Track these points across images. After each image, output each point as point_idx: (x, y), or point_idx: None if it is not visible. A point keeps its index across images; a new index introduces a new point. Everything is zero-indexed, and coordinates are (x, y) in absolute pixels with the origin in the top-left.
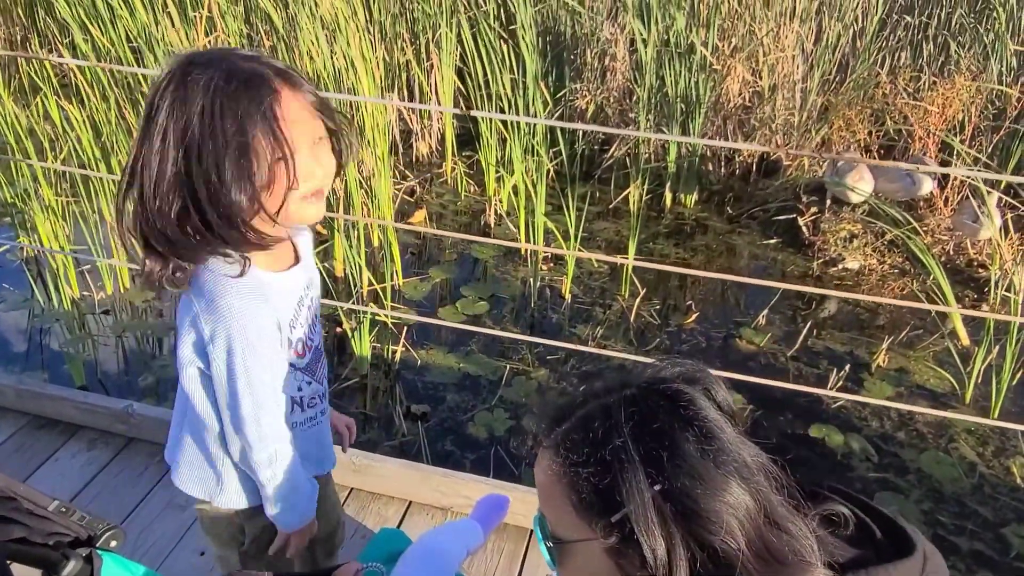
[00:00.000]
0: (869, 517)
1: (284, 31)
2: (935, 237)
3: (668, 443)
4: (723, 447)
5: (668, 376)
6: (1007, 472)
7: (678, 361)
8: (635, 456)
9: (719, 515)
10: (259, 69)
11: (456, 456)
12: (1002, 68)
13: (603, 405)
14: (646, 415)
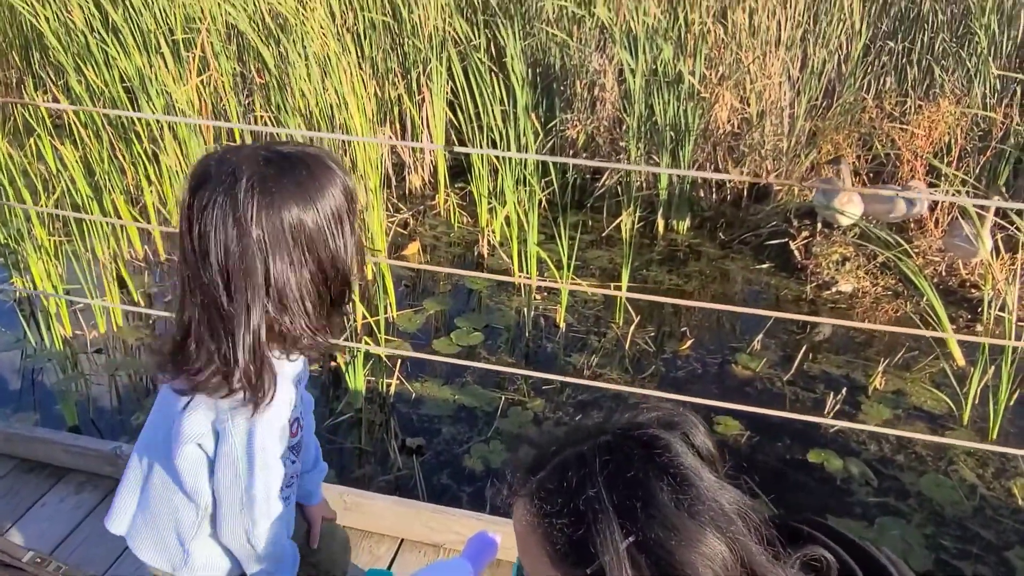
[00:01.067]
0: (852, 555)
1: (277, 69)
2: (927, 258)
3: (642, 493)
4: (699, 495)
5: (645, 421)
6: (1008, 494)
7: (657, 404)
8: (609, 506)
9: (695, 567)
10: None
11: (452, 490)
12: (986, 91)
13: (578, 453)
14: (621, 463)
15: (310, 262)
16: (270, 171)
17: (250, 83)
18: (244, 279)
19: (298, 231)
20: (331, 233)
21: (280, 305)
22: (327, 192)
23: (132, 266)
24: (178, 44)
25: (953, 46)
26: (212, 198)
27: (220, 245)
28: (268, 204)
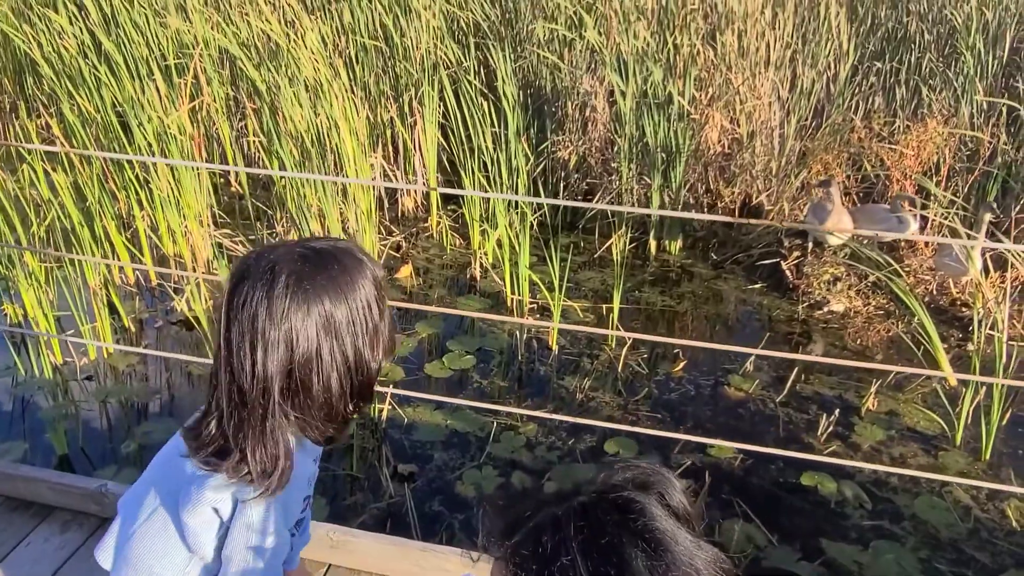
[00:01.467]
0: None
1: (268, 95)
2: (917, 278)
3: (617, 559)
4: (674, 561)
5: (620, 482)
6: (1002, 515)
7: (634, 463)
8: (584, 574)
9: None
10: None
11: (445, 517)
12: (973, 111)
13: (553, 517)
14: (595, 529)
15: (337, 355)
16: (306, 268)
17: (242, 108)
18: (271, 372)
19: (329, 324)
20: (361, 325)
21: (302, 397)
22: (357, 284)
23: (123, 291)
24: (170, 69)
25: (940, 66)
26: (249, 294)
27: (253, 338)
28: (303, 300)
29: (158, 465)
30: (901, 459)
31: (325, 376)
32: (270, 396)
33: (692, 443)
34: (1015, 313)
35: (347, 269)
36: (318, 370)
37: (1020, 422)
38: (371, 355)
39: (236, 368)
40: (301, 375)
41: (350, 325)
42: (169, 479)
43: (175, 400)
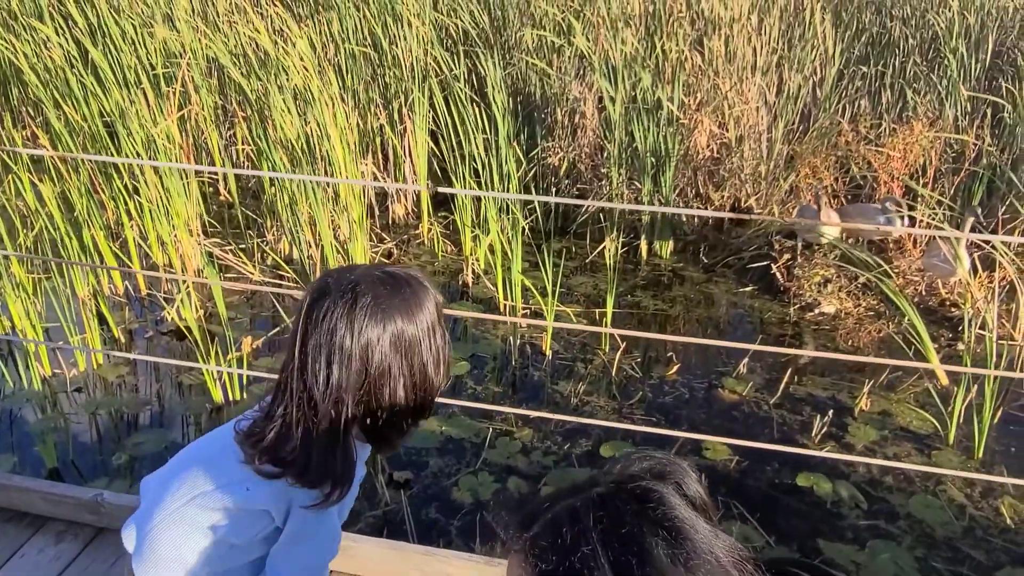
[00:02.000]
0: None
1: (258, 103)
2: (907, 278)
3: (638, 549)
4: (695, 549)
5: (636, 472)
6: (996, 513)
7: (649, 454)
8: (604, 564)
9: None
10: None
11: (441, 523)
12: (957, 113)
13: (571, 508)
14: (614, 519)
15: (405, 370)
16: (383, 289)
17: (231, 116)
18: (346, 384)
19: (400, 342)
20: (426, 345)
21: (371, 409)
22: (425, 308)
23: (112, 302)
24: (158, 78)
25: (924, 70)
26: (330, 309)
27: (331, 352)
28: (381, 320)
29: (199, 459)
30: (895, 458)
31: (393, 391)
32: (343, 407)
33: (688, 445)
34: (1003, 312)
35: (416, 293)
36: (389, 385)
37: (1012, 420)
38: (434, 373)
39: (309, 379)
40: (374, 388)
41: (417, 344)
42: (213, 475)
43: (166, 411)
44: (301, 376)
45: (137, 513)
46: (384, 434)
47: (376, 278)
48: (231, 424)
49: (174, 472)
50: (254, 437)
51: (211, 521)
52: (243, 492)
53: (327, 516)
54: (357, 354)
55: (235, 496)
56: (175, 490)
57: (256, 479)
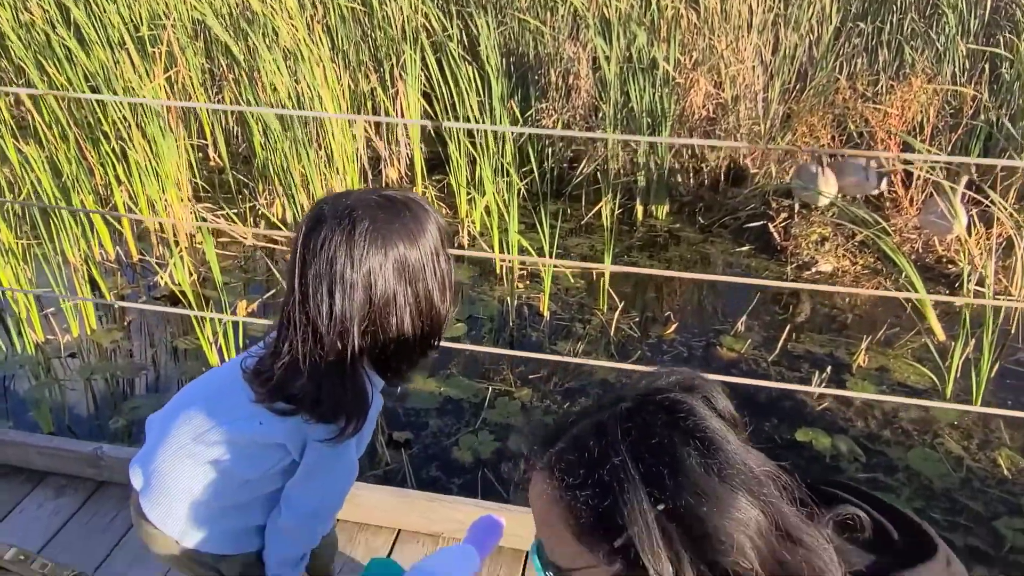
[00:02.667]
0: (885, 517)
1: (246, 63)
2: (903, 236)
3: (669, 459)
4: (728, 459)
5: (664, 386)
6: (994, 464)
7: (674, 369)
8: (635, 475)
9: (728, 533)
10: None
11: (442, 482)
12: (955, 69)
13: (597, 422)
14: (644, 430)
15: (410, 297)
16: (381, 213)
17: (219, 79)
18: (350, 314)
19: (403, 267)
20: (431, 271)
21: (378, 339)
22: (427, 231)
23: (104, 267)
24: (143, 40)
25: (922, 26)
26: (329, 237)
27: (332, 281)
28: (381, 245)
29: (206, 395)
30: (893, 413)
31: (400, 319)
32: (348, 336)
33: None
34: (999, 269)
35: (417, 216)
36: (395, 312)
37: (1008, 374)
38: (440, 300)
39: (312, 311)
40: (379, 317)
41: (421, 270)
42: (222, 410)
43: (162, 376)
44: (303, 309)
45: (143, 451)
46: (393, 364)
47: (374, 202)
48: (237, 360)
49: (180, 408)
50: (263, 375)
51: (221, 456)
52: (255, 426)
53: (344, 449)
54: (360, 282)
55: (247, 431)
56: (182, 426)
57: (268, 414)
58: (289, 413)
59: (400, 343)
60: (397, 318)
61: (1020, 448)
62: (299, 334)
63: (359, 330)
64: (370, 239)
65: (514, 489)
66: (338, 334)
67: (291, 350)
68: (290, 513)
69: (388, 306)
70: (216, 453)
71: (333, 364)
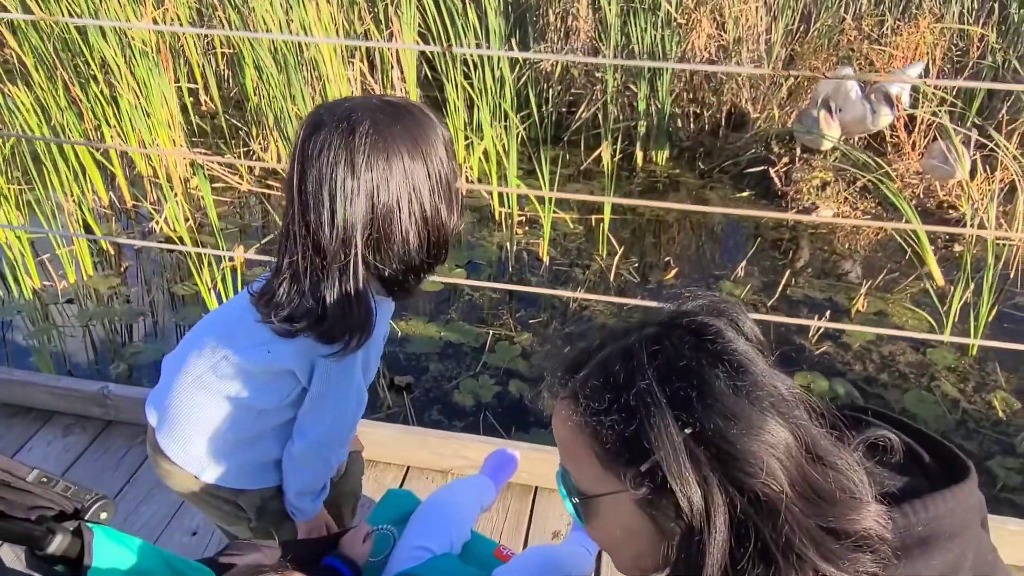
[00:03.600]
0: (916, 441)
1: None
2: (905, 181)
3: (697, 382)
4: (757, 381)
5: (690, 310)
6: (988, 406)
7: (699, 293)
8: (662, 399)
9: (758, 456)
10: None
11: (444, 424)
12: (963, 9)
13: (623, 347)
14: (671, 353)
15: (416, 208)
16: (383, 117)
17: (209, 19)
18: (352, 221)
19: (408, 175)
20: (436, 180)
21: (382, 249)
22: (431, 140)
23: (98, 213)
24: None
25: None
26: (327, 142)
27: (332, 187)
28: (383, 149)
29: (216, 327)
30: (891, 357)
31: (404, 229)
32: (351, 246)
33: None
34: (1001, 214)
35: (421, 124)
36: (398, 221)
37: (1006, 318)
38: (446, 211)
39: (313, 221)
40: (383, 226)
41: (427, 179)
42: (233, 340)
43: (160, 321)
44: (303, 219)
45: (157, 387)
46: (400, 278)
47: (374, 106)
48: (247, 288)
49: (192, 342)
50: (267, 295)
51: (234, 387)
52: (264, 355)
53: (350, 370)
54: (362, 188)
55: (256, 359)
56: (195, 359)
57: (276, 340)
58: (293, 332)
59: (405, 254)
60: (402, 227)
61: (1015, 390)
62: (299, 247)
63: (362, 240)
64: (371, 143)
65: (515, 431)
66: (340, 244)
67: (292, 265)
68: (302, 440)
69: (391, 213)
70: (229, 384)
71: (335, 277)
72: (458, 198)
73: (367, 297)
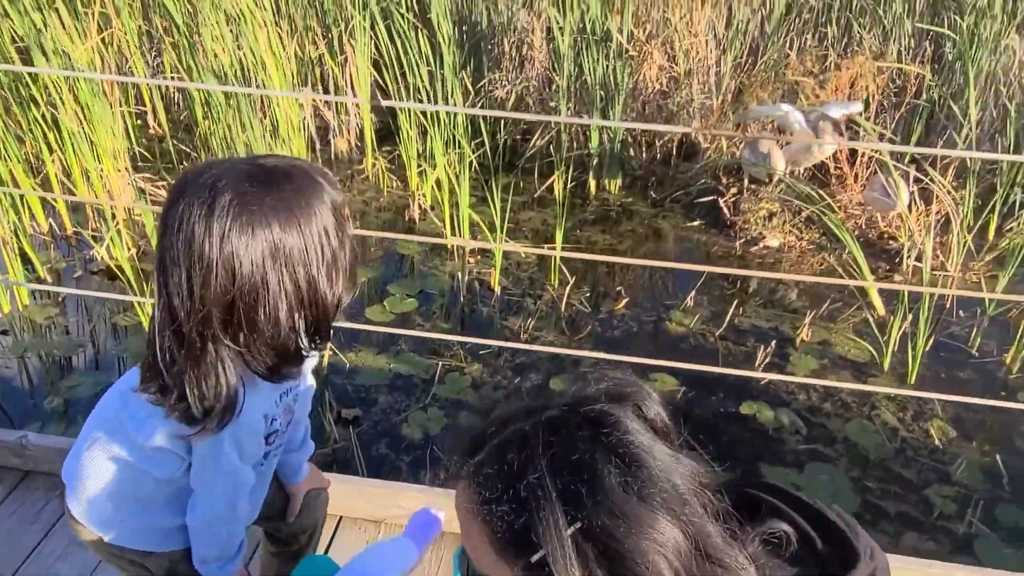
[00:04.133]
0: (811, 522)
1: (186, 27)
2: (848, 212)
3: (588, 476)
4: (651, 476)
5: (593, 394)
6: (926, 435)
7: (606, 375)
8: (552, 492)
9: (645, 555)
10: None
11: (391, 459)
12: (901, 48)
13: (520, 432)
14: (566, 444)
15: (288, 285)
16: (252, 186)
17: (158, 42)
18: (209, 299)
19: (277, 250)
20: (315, 253)
21: (245, 329)
22: (313, 208)
23: (36, 240)
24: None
25: (870, 3)
26: (187, 213)
27: (189, 262)
28: (247, 221)
29: (115, 394)
30: (833, 387)
31: (272, 307)
32: (209, 327)
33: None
34: (938, 245)
35: (301, 190)
36: (264, 301)
37: (943, 347)
38: (328, 287)
39: (172, 296)
40: (244, 305)
41: (303, 253)
42: (128, 406)
43: (100, 353)
44: (164, 293)
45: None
46: (268, 360)
47: (243, 172)
48: None
49: (104, 402)
50: (144, 367)
51: (131, 455)
52: (144, 428)
53: (218, 451)
54: (219, 264)
55: (140, 432)
56: (100, 421)
57: (154, 413)
58: (160, 405)
59: (274, 335)
60: (268, 307)
61: (951, 419)
62: (160, 322)
63: (219, 318)
64: (234, 215)
65: None
66: (199, 322)
67: (155, 340)
68: (191, 515)
69: (256, 292)
70: (127, 452)
71: (195, 356)
72: (346, 268)
73: (228, 378)
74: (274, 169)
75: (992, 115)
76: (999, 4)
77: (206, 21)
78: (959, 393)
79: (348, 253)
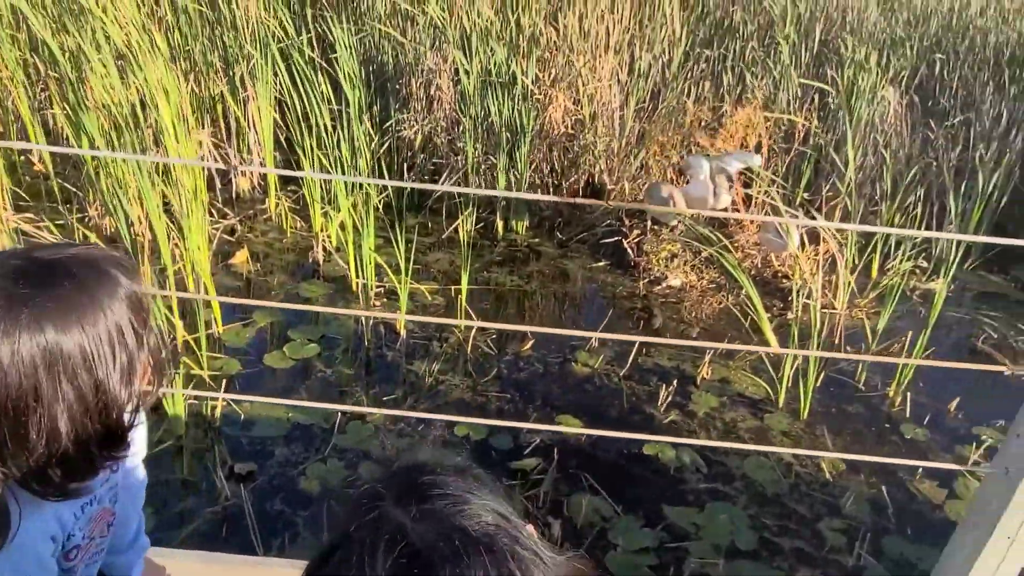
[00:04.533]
0: None
1: (70, 62)
2: (745, 252)
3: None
4: None
5: None
6: (818, 469)
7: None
8: None
9: None
10: (98, 266)
11: (287, 515)
12: (789, 97)
13: None
14: None
15: (66, 391)
16: (20, 286)
17: (45, 77)
18: None
19: (51, 355)
20: (104, 357)
21: (18, 448)
22: (101, 306)
23: None
24: None
25: (761, 55)
26: None
27: None
28: (12, 327)
29: None
30: (732, 423)
31: (48, 421)
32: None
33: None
34: (826, 283)
35: (85, 286)
36: (38, 411)
37: (832, 382)
38: (121, 388)
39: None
40: (11, 420)
41: (87, 357)
42: None
43: None
44: None
45: None
46: (46, 474)
47: (14, 270)
48: None
49: None
50: None
51: None
52: None
53: None
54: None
55: None
56: None
57: None
58: None
59: (51, 450)
60: (43, 422)
61: (841, 450)
62: None
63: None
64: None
65: None
66: None
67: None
68: None
69: (22, 402)
70: None
71: None
72: (153, 369)
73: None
74: (52, 263)
75: (871, 161)
76: (874, 59)
77: (93, 54)
78: (847, 425)
79: (150, 350)
